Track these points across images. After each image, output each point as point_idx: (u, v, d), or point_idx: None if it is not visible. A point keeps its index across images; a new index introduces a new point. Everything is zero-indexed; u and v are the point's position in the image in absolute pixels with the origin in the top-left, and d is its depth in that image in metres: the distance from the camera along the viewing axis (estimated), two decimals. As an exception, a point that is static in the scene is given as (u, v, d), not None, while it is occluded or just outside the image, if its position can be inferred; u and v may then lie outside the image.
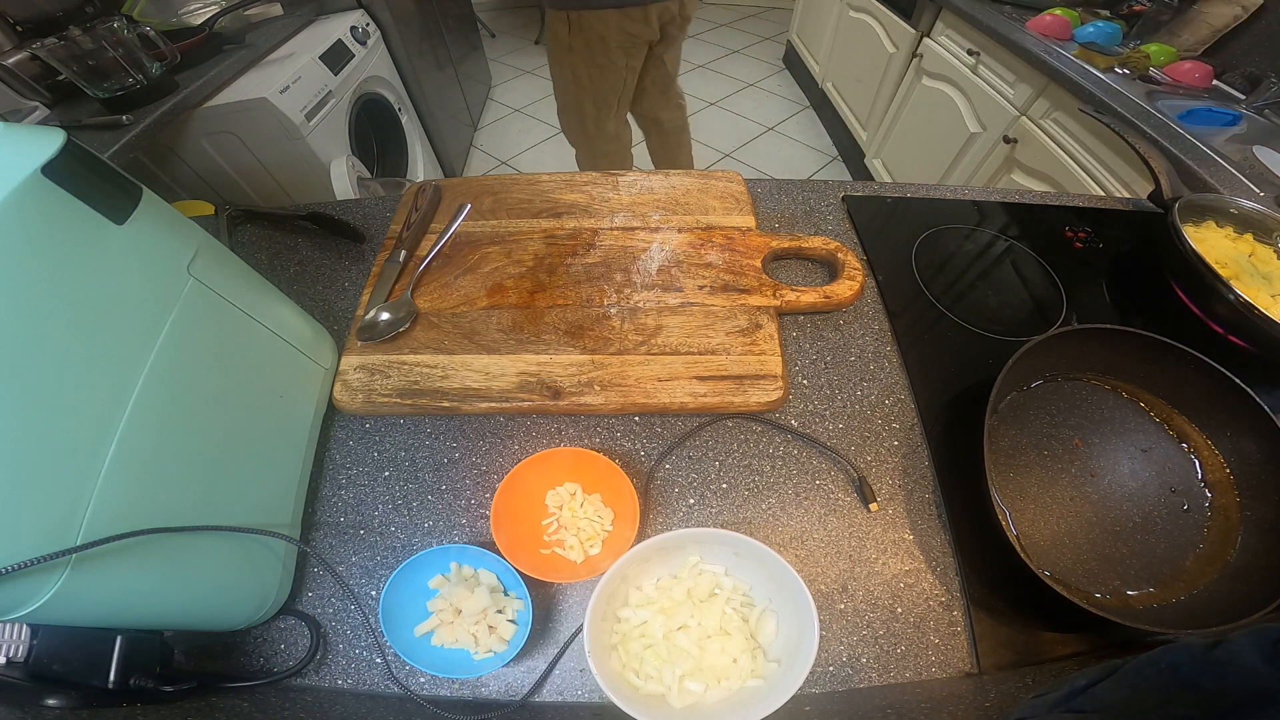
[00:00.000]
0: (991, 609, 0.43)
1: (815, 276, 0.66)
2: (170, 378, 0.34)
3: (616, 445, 0.52)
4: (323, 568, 0.46)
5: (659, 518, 0.48)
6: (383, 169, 1.82)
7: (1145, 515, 0.47)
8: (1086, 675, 0.28)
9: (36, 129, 0.29)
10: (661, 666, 0.38)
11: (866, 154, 2.15)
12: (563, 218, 0.69)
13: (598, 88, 1.30)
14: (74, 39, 0.97)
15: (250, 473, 0.41)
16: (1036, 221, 0.73)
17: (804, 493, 0.49)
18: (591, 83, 1.29)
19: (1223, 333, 0.59)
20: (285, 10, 1.50)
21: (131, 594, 0.32)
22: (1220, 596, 0.42)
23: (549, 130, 2.63)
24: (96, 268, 0.30)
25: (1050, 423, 0.53)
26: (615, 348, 0.55)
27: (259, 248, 0.70)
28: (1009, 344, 0.54)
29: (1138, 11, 1.34)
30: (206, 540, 0.36)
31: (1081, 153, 1.19)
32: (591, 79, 1.28)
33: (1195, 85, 1.15)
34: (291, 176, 1.41)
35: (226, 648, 0.43)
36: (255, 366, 0.43)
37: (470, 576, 0.43)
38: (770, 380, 0.53)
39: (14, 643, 0.29)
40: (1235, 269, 0.62)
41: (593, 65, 1.24)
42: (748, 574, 0.42)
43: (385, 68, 1.73)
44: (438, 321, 0.58)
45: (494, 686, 0.41)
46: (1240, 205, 0.67)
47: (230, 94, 1.24)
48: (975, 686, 0.41)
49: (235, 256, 0.44)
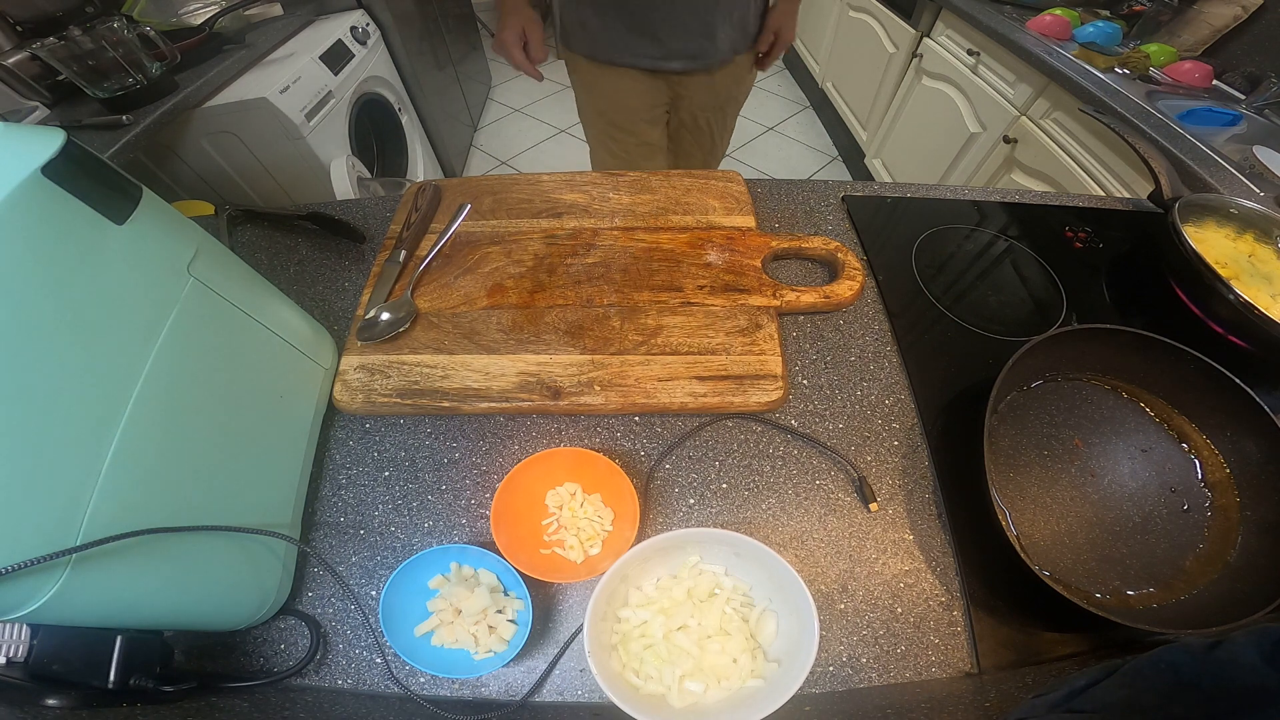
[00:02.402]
0: (991, 609, 0.43)
1: (815, 276, 0.66)
2: (170, 378, 0.34)
3: (616, 445, 0.52)
4: (323, 568, 0.46)
5: (659, 518, 0.48)
6: (383, 169, 1.83)
7: (1145, 515, 0.47)
8: (1086, 675, 0.28)
9: (36, 129, 0.29)
10: (661, 666, 0.38)
11: (866, 154, 2.15)
12: (563, 217, 0.69)
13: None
14: (74, 39, 0.97)
15: (250, 473, 0.41)
16: (1036, 221, 0.73)
17: (804, 493, 0.49)
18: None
19: (1223, 333, 0.59)
20: (285, 10, 1.50)
21: (131, 594, 0.32)
22: (1220, 596, 0.42)
23: (549, 130, 2.63)
24: (96, 268, 0.30)
25: (1050, 423, 0.52)
26: (615, 348, 0.55)
27: (259, 248, 0.70)
28: (1009, 344, 0.54)
29: (1138, 11, 1.34)
30: (206, 540, 0.36)
31: (1081, 153, 1.19)
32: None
33: (1195, 85, 1.15)
34: (291, 176, 1.41)
35: (226, 648, 0.43)
36: (255, 366, 0.43)
37: (470, 576, 0.43)
38: (770, 380, 0.53)
39: (14, 643, 0.29)
40: (1235, 269, 0.62)
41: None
42: (748, 574, 0.42)
43: (385, 68, 1.73)
44: (438, 321, 0.58)
45: (494, 686, 0.41)
46: (1240, 205, 0.67)
47: (230, 94, 1.24)
48: (975, 686, 0.40)
49: (235, 256, 0.44)
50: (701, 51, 0.96)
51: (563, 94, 2.92)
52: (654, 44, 0.94)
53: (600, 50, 0.98)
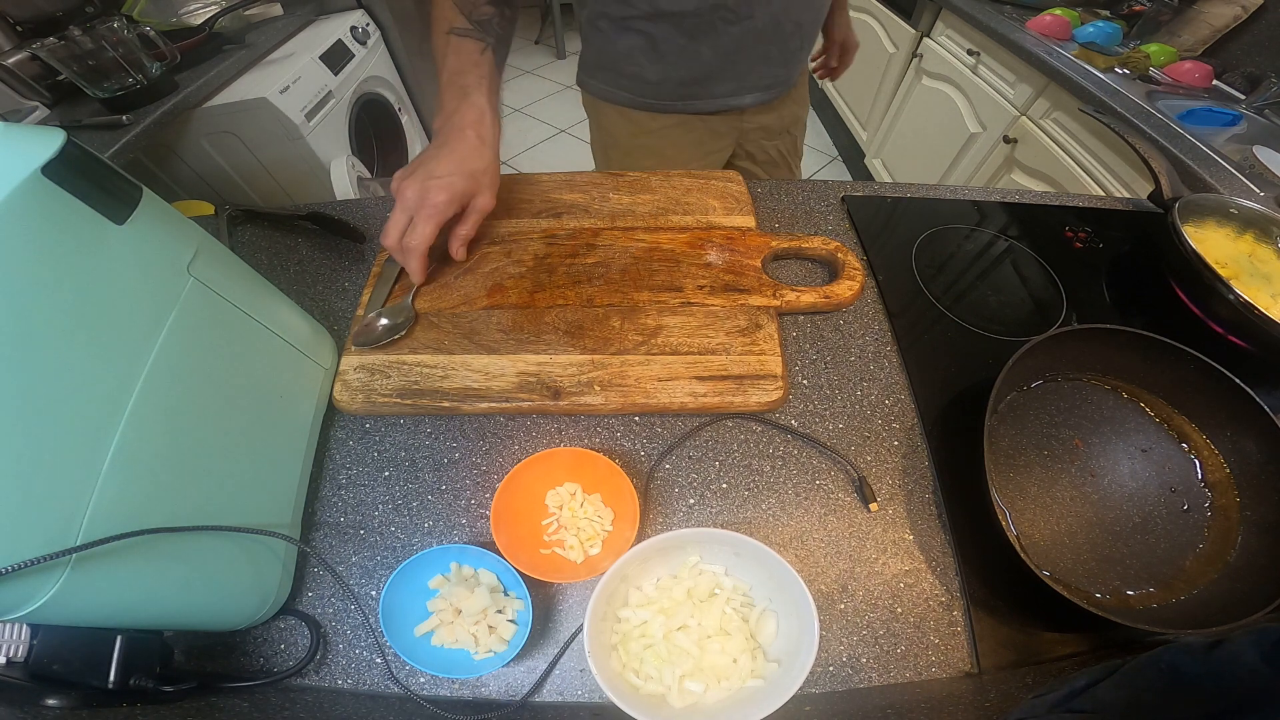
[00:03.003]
0: (991, 609, 0.43)
1: (815, 276, 0.66)
2: (170, 378, 0.34)
3: (616, 445, 0.52)
4: (323, 568, 0.46)
5: (659, 518, 0.48)
6: (383, 169, 1.83)
7: (1145, 515, 0.47)
8: (1086, 675, 0.28)
9: (36, 129, 0.29)
10: (661, 666, 0.38)
11: (866, 154, 2.15)
12: (563, 217, 0.69)
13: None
14: (74, 39, 0.97)
15: (250, 473, 0.41)
16: (1036, 221, 0.73)
17: (804, 493, 0.49)
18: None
19: (1223, 333, 0.59)
20: (285, 10, 1.51)
21: (131, 594, 0.32)
22: (1220, 596, 0.42)
23: (549, 130, 2.64)
24: (96, 268, 0.30)
25: (1050, 423, 0.52)
26: (615, 348, 0.55)
27: (259, 248, 0.70)
28: (1009, 344, 0.54)
29: (1138, 11, 1.35)
30: (206, 540, 0.36)
31: (1081, 153, 1.19)
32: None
33: (1195, 85, 1.16)
34: (291, 176, 1.41)
35: (226, 648, 0.43)
36: (255, 366, 0.43)
37: (470, 576, 0.43)
38: (770, 380, 0.53)
39: (14, 643, 0.29)
40: (1235, 269, 0.62)
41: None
42: (748, 574, 0.42)
43: (385, 68, 1.73)
44: (438, 321, 0.58)
45: (494, 686, 0.41)
46: (1240, 205, 0.67)
47: (230, 94, 1.25)
48: (975, 686, 0.40)
49: (235, 256, 0.44)
50: (777, 81, 0.85)
51: (563, 94, 2.93)
52: (722, 82, 0.80)
53: (648, 96, 0.82)
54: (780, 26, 0.75)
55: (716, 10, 0.70)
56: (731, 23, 0.72)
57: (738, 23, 0.72)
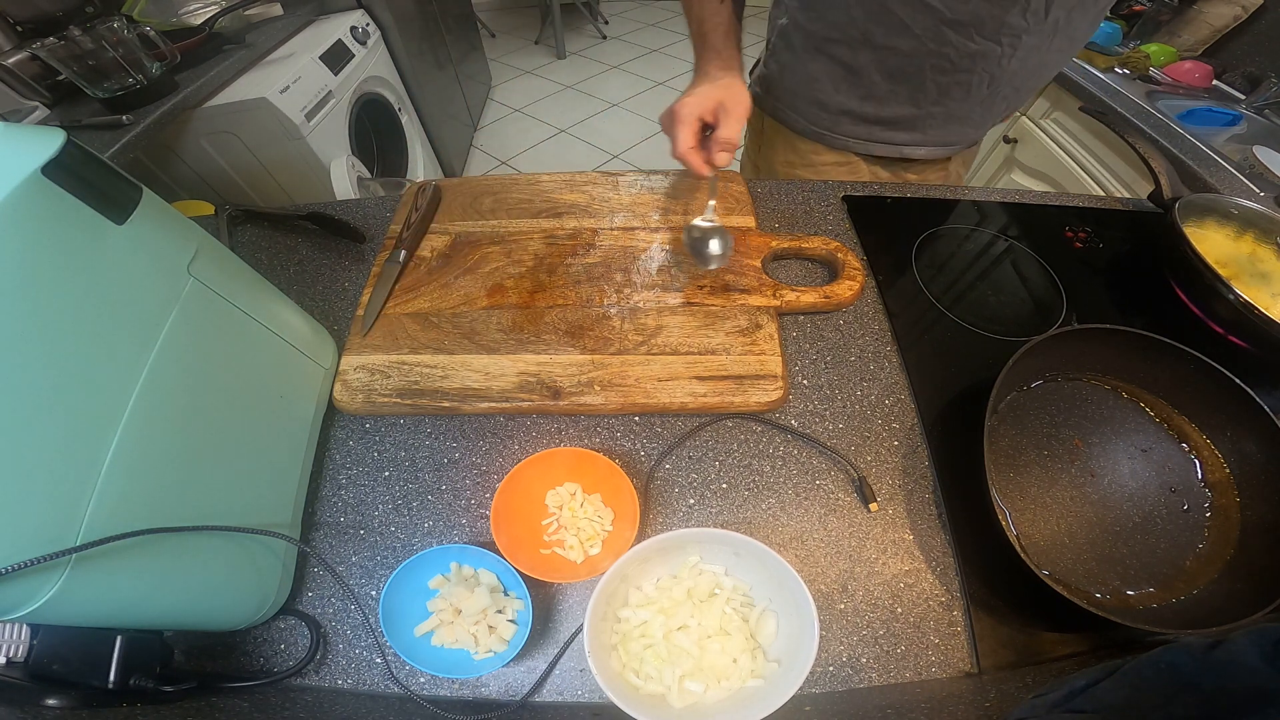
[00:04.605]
0: (991, 609, 0.43)
1: (815, 276, 0.66)
2: (170, 378, 0.34)
3: (616, 445, 0.52)
4: (323, 568, 0.46)
5: (659, 518, 0.48)
6: (383, 169, 1.83)
7: (1145, 515, 0.47)
8: (1086, 675, 0.28)
9: (36, 129, 0.29)
10: (661, 666, 0.38)
11: (866, 154, 2.15)
12: (563, 218, 0.69)
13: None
14: (74, 39, 0.97)
15: (250, 473, 0.41)
16: (1036, 221, 0.73)
17: (804, 493, 0.49)
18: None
19: (1223, 333, 0.59)
20: (285, 10, 1.50)
21: (131, 594, 0.32)
22: (1220, 596, 0.42)
23: (549, 130, 2.63)
24: (96, 268, 0.30)
25: (1050, 423, 0.52)
26: (615, 348, 0.55)
27: (259, 248, 0.70)
28: (1009, 344, 0.54)
29: (1138, 11, 1.34)
30: (206, 540, 0.36)
31: (1081, 153, 1.19)
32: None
33: (1195, 85, 1.16)
34: (291, 176, 1.41)
35: (226, 648, 0.43)
36: (255, 366, 0.43)
37: (470, 576, 0.43)
38: (770, 380, 0.53)
39: (14, 643, 0.29)
40: (1235, 269, 0.62)
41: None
42: (748, 574, 0.42)
43: (385, 68, 1.73)
44: (438, 321, 0.58)
45: (494, 686, 0.41)
46: (1240, 205, 0.67)
47: (230, 94, 1.24)
48: (975, 686, 0.40)
49: (235, 256, 0.44)
50: (964, 140, 0.77)
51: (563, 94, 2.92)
52: (908, 130, 0.72)
53: (821, 127, 0.75)
54: (996, 89, 0.66)
55: (931, 57, 0.62)
56: (943, 73, 0.64)
57: (950, 74, 0.64)
